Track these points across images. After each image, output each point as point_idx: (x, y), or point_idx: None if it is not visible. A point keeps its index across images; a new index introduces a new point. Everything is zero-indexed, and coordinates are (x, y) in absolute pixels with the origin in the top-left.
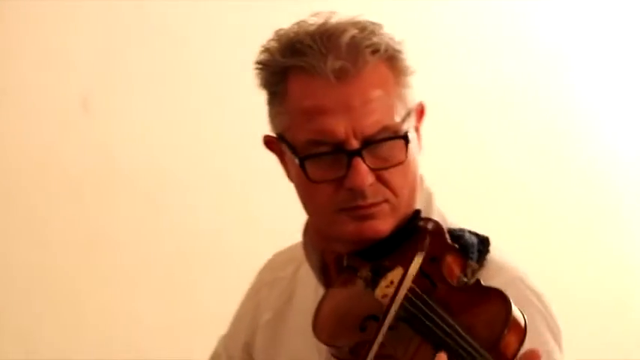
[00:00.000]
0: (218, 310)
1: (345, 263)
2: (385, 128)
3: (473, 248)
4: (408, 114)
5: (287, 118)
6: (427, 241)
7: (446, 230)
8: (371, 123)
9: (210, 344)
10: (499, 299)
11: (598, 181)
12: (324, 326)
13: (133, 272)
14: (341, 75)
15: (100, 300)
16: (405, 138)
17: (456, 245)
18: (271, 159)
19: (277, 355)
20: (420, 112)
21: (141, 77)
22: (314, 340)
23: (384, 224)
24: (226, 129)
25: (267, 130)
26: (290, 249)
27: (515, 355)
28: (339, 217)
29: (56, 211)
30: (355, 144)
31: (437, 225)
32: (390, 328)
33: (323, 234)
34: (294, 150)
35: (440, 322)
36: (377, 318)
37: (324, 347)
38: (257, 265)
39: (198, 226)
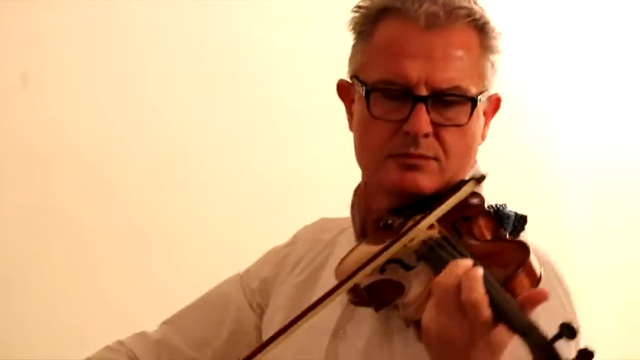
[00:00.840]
0: (170, 290)
1: (381, 223)
2: (457, 88)
3: (509, 220)
4: (482, 91)
5: (366, 56)
6: (463, 192)
7: (483, 198)
8: (445, 78)
9: None
10: (519, 246)
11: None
12: (345, 269)
13: (77, 249)
14: (431, 21)
15: (45, 279)
16: (473, 101)
17: (492, 212)
18: (223, 135)
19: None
20: (496, 102)
21: (81, 51)
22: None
23: (426, 180)
24: (171, 103)
25: (211, 103)
26: (337, 218)
27: None
28: (386, 163)
29: (6, 191)
30: (424, 91)
31: (474, 192)
32: (409, 267)
33: (370, 186)
34: (363, 84)
35: (444, 258)
36: (399, 261)
37: (341, 309)
38: (209, 244)
39: (143, 201)
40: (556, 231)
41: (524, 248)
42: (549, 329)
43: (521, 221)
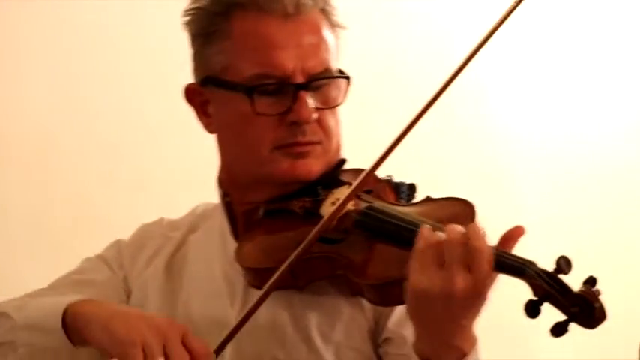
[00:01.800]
0: None
1: (261, 213)
2: (328, 70)
3: (403, 188)
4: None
5: (229, 56)
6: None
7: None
8: (316, 62)
9: None
10: (463, 202)
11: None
12: (250, 255)
13: (26, 237)
14: (291, 10)
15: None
16: (348, 78)
17: (389, 183)
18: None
19: (175, 308)
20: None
21: (26, 37)
22: (226, 299)
23: (315, 165)
24: (115, 91)
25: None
26: (178, 219)
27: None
28: (272, 156)
29: None
30: (301, 79)
31: (360, 168)
32: (339, 240)
33: (248, 178)
34: (236, 86)
35: (392, 220)
36: (321, 239)
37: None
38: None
39: (87, 190)
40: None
41: (469, 204)
42: None
43: (412, 190)
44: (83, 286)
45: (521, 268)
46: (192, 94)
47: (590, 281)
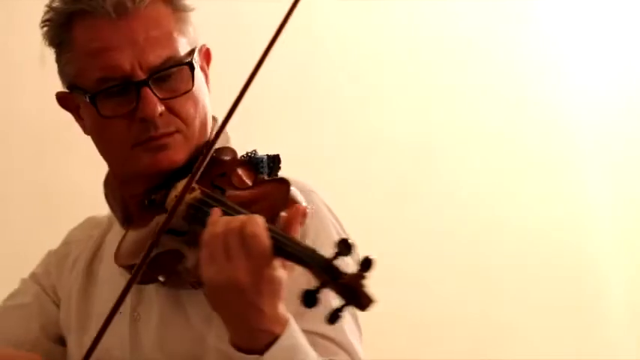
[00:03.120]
0: None
1: (146, 202)
2: (169, 59)
3: (263, 163)
4: (192, 51)
5: (75, 64)
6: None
7: (235, 151)
8: (155, 55)
9: None
10: (278, 182)
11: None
12: (123, 253)
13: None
14: (121, 10)
15: None
16: (190, 65)
17: (246, 161)
18: None
19: (91, 302)
20: (206, 53)
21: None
22: (119, 288)
23: (178, 154)
24: None
25: None
26: (105, 215)
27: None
28: (133, 153)
29: (19, 168)
30: (142, 75)
31: (224, 147)
32: (181, 233)
33: (121, 177)
34: (85, 92)
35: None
36: (171, 231)
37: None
38: None
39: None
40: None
41: (283, 183)
42: (329, 251)
43: (275, 161)
44: (12, 311)
45: (299, 257)
46: (65, 101)
47: (365, 264)
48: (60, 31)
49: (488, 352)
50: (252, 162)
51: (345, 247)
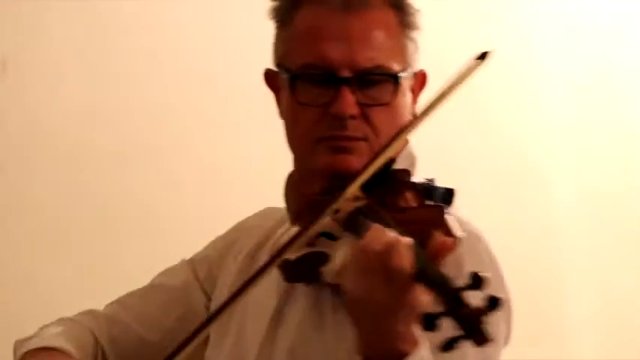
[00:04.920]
0: (137, 274)
1: (313, 204)
2: (379, 67)
3: (437, 193)
4: (406, 68)
5: (287, 44)
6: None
7: (411, 174)
8: (366, 57)
9: None
10: (434, 208)
11: None
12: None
13: (54, 236)
14: (348, 3)
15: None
16: (396, 78)
17: (419, 186)
18: (190, 125)
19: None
20: (422, 79)
21: (60, 39)
22: (273, 284)
23: (357, 161)
24: (146, 91)
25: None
26: (282, 208)
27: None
28: (317, 148)
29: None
30: (346, 73)
31: (403, 169)
32: (335, 237)
33: (301, 171)
34: (287, 71)
35: (364, 222)
36: (326, 234)
37: (281, 291)
38: (178, 230)
39: (119, 189)
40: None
41: (440, 210)
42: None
43: (450, 193)
44: (152, 291)
45: (433, 282)
46: (270, 79)
47: (491, 302)
48: (286, 9)
49: None
50: (425, 189)
51: (477, 281)
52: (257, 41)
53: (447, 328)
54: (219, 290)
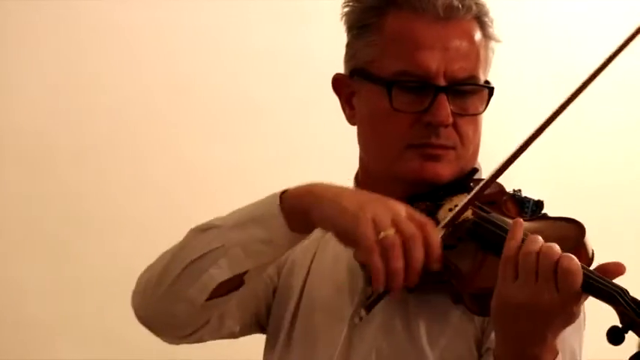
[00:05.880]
0: (102, 273)
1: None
2: (472, 77)
3: (528, 204)
4: (487, 81)
5: (377, 50)
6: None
7: (502, 186)
8: (462, 67)
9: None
10: (575, 224)
11: None
12: None
13: (17, 236)
14: (448, 13)
15: None
16: (490, 89)
17: (514, 197)
18: (158, 124)
19: (312, 309)
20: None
21: (22, 38)
22: (347, 294)
23: (445, 169)
24: (111, 91)
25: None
26: None
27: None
28: (406, 154)
29: None
30: (442, 82)
31: (494, 181)
32: (451, 247)
33: (381, 175)
34: (378, 80)
35: (501, 233)
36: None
37: (355, 297)
38: (143, 231)
39: (83, 189)
40: None
41: (580, 225)
42: None
43: (538, 205)
44: None
45: (611, 295)
46: (339, 85)
47: None
48: (371, 14)
49: None
50: (518, 199)
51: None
52: (224, 43)
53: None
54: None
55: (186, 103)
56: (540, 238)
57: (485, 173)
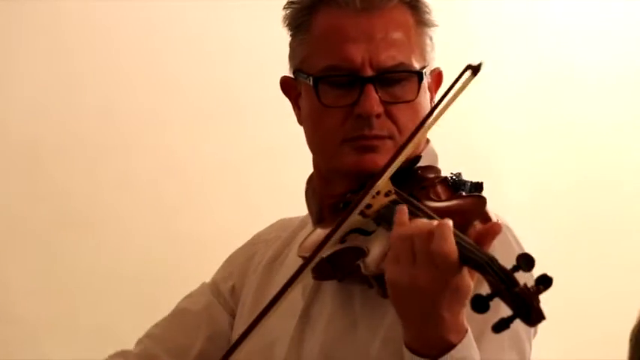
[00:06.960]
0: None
1: (341, 205)
2: (400, 64)
3: (465, 187)
4: (425, 66)
5: (307, 47)
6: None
7: (439, 170)
8: (388, 56)
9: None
10: (476, 198)
11: None
12: (306, 245)
13: (5, 236)
14: (366, 5)
15: None
16: (420, 75)
17: (448, 181)
18: (146, 122)
19: (264, 299)
20: (438, 77)
21: (9, 37)
22: (299, 285)
23: (384, 159)
24: (98, 89)
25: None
26: (296, 217)
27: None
28: (342, 149)
29: None
30: (369, 72)
31: (429, 166)
32: (368, 232)
33: (324, 173)
34: (309, 77)
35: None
36: (358, 230)
37: (308, 290)
38: (131, 229)
39: (71, 187)
40: None
41: (481, 199)
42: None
43: (477, 186)
44: (181, 316)
45: (481, 264)
46: (287, 87)
47: (542, 280)
48: (302, 13)
49: None
50: (455, 183)
51: (525, 262)
52: (211, 40)
53: (495, 309)
54: (242, 304)
55: (173, 101)
56: (422, 220)
57: (478, 173)
